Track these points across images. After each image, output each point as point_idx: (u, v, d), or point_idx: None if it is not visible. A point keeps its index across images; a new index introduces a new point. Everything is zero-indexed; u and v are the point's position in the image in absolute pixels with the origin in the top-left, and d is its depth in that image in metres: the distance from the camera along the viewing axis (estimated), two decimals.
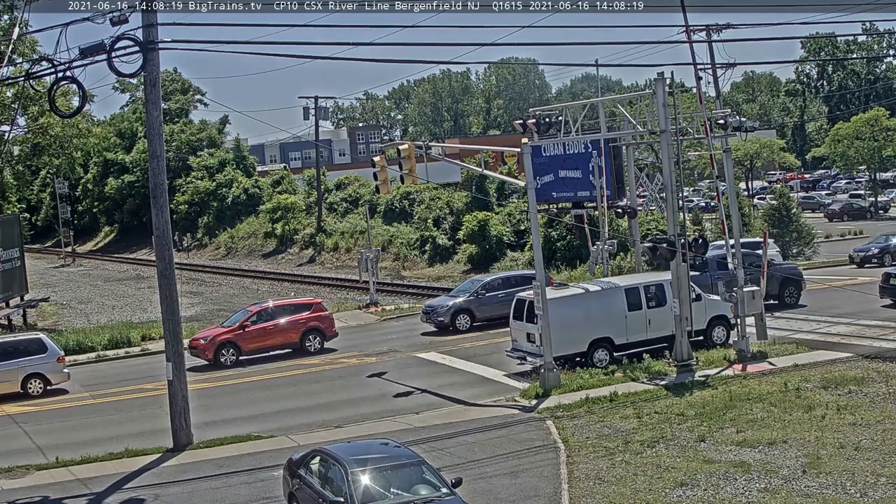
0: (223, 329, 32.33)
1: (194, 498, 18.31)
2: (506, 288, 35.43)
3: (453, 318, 34.95)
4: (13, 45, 38.15)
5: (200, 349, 31.49)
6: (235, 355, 31.44)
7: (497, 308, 34.58)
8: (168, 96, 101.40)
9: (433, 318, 35.37)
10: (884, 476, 16.67)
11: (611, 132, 35.61)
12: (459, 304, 35.32)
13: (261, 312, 32.57)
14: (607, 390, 23.71)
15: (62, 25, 19.78)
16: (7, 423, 25.56)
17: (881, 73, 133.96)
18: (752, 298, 26.57)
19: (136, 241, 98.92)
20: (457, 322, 34.94)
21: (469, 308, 35.26)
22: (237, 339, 31.68)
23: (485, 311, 35.24)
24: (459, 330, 34.72)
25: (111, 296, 62.27)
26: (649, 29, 31.92)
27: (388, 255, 65.58)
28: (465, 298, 35.59)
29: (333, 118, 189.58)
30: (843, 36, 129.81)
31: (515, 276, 37.16)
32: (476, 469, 18.48)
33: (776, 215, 53.08)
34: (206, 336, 32.19)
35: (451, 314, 35.02)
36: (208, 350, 31.40)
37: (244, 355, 31.65)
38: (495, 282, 36.34)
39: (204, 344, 31.57)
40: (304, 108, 75.79)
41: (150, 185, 22.45)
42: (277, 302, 35.23)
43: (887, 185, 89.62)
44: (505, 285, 35.81)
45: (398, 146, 28.69)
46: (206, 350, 31.41)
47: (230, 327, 32.13)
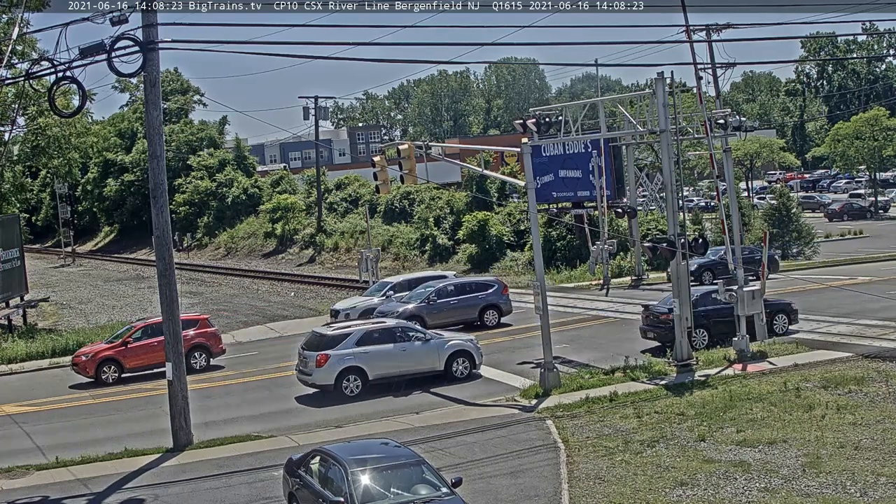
0: (106, 345, 31.02)
1: (194, 498, 18.30)
2: (459, 294, 34.98)
3: None
4: (13, 45, 38.13)
5: (81, 366, 30.31)
6: (118, 372, 30.15)
7: (450, 314, 34.27)
8: (168, 96, 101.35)
9: None
10: (884, 476, 16.67)
11: (611, 132, 35.71)
12: (410, 310, 33.97)
13: (145, 328, 31.17)
14: (607, 390, 23.71)
15: (62, 25, 19.79)
16: (7, 423, 25.56)
17: (881, 73, 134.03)
18: (752, 298, 26.58)
19: (136, 241, 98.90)
20: None
21: (420, 315, 33.76)
22: (119, 355, 30.30)
23: (437, 318, 34.06)
24: None
25: (111, 296, 62.26)
26: (649, 29, 31.97)
27: (388, 254, 65.59)
28: (417, 304, 34.37)
29: (333, 118, 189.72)
30: (843, 36, 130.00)
31: (470, 283, 36.56)
32: (476, 469, 18.48)
33: (776, 215, 53.10)
34: (88, 352, 30.85)
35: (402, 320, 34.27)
36: (89, 367, 30.01)
37: (126, 372, 30.34)
38: (448, 287, 35.36)
39: (85, 361, 30.31)
40: (304, 108, 75.83)
41: (150, 185, 22.45)
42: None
43: (887, 185, 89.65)
44: (458, 291, 35.17)
45: (398, 146, 28.69)
46: (86, 367, 30.14)
47: (113, 343, 30.89)
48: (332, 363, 25.57)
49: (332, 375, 25.54)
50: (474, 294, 35.11)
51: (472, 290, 35.33)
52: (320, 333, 26.80)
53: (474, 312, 34.84)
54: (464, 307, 34.76)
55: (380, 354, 26.12)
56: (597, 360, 27.62)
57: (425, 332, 27.51)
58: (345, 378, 25.59)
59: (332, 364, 25.56)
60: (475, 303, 34.92)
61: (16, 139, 48.84)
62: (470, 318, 34.84)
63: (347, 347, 25.76)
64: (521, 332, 33.49)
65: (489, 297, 35.16)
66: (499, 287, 35.68)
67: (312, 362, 25.80)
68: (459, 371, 27.00)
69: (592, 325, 34.44)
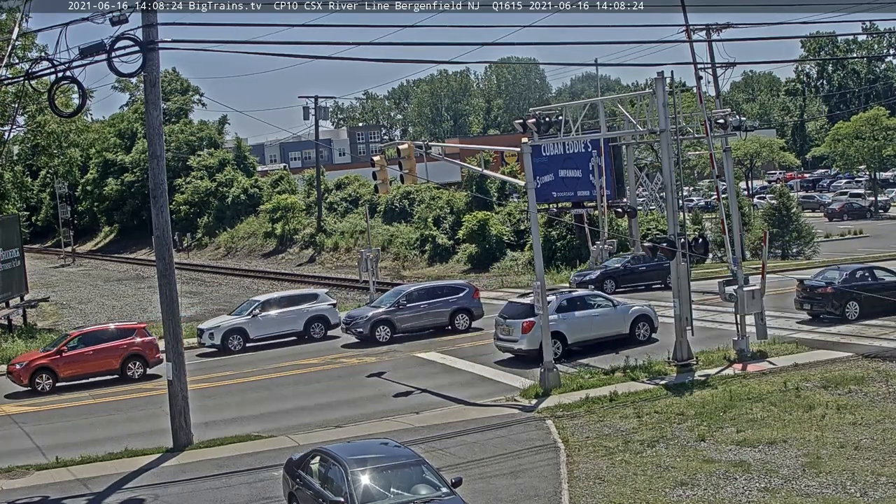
0: (41, 354, 30.55)
1: (194, 498, 18.30)
2: (430, 298, 34.44)
3: (372, 330, 33.37)
4: (13, 45, 38.14)
5: (15, 374, 29.69)
6: (52, 381, 29.66)
7: (419, 319, 33.97)
8: (167, 96, 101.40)
9: (353, 330, 33.94)
10: (884, 476, 16.67)
11: (611, 132, 35.69)
12: (379, 314, 33.73)
13: (82, 337, 30.55)
14: (607, 390, 23.70)
15: (62, 25, 19.79)
16: (7, 423, 25.56)
17: (881, 73, 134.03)
18: (752, 298, 26.58)
19: (136, 241, 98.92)
20: (376, 333, 33.37)
21: (389, 319, 33.66)
22: (53, 364, 29.62)
23: (406, 323, 33.87)
24: (379, 342, 33.23)
25: (111, 296, 62.31)
26: (649, 29, 32.02)
27: (388, 254, 65.62)
28: (386, 309, 34.01)
29: (333, 118, 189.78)
30: (843, 35, 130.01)
31: (441, 286, 35.95)
32: (476, 469, 18.47)
33: (776, 215, 53.15)
34: (23, 360, 30.21)
35: (370, 325, 33.43)
36: (23, 375, 29.44)
37: (61, 381, 29.85)
38: (418, 292, 34.91)
39: (19, 369, 29.66)
40: (304, 108, 75.92)
41: (150, 185, 22.44)
42: (97, 327, 33.73)
43: (887, 185, 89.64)
44: (429, 296, 34.65)
45: (398, 146, 28.66)
46: (20, 375, 29.48)
47: (48, 352, 30.39)
48: (536, 329, 26.49)
49: (536, 341, 26.31)
50: (445, 298, 34.55)
51: (442, 293, 34.78)
52: (520, 303, 28.57)
53: (445, 316, 34.37)
54: (434, 311, 34.29)
55: (577, 320, 28.48)
56: (597, 360, 27.62)
57: (611, 299, 30.13)
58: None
59: (535, 330, 26.51)
60: (446, 306, 34.37)
61: (16, 139, 48.87)
62: (440, 322, 34.37)
63: (549, 314, 26.01)
64: None
65: (460, 300, 34.60)
66: (469, 290, 35.06)
67: (518, 329, 27.68)
68: (641, 334, 29.42)
69: None
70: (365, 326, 33.58)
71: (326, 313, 35.60)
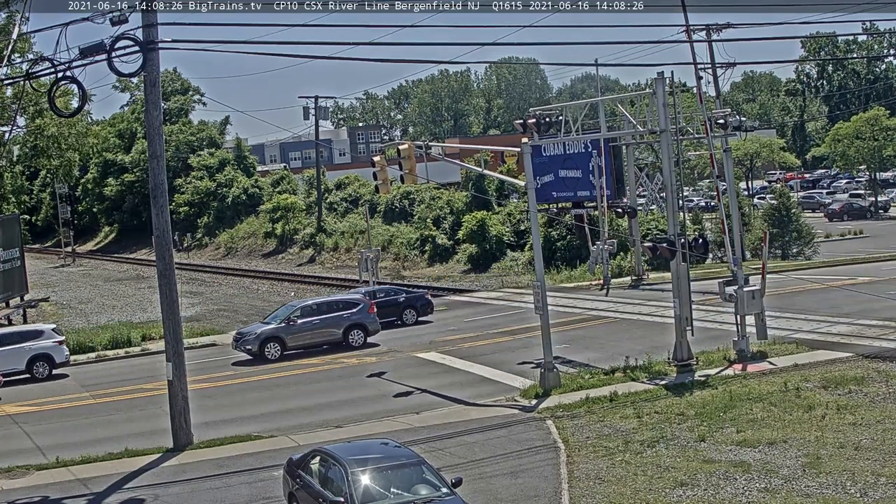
0: None
1: (194, 498, 18.30)
2: (324, 313, 33.44)
3: (262, 347, 32.26)
4: (13, 45, 38.12)
5: None
6: None
7: (312, 335, 33.02)
8: (168, 96, 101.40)
9: (242, 347, 32.77)
10: (884, 476, 16.67)
11: (611, 132, 35.72)
12: (268, 331, 32.63)
13: None
14: (607, 390, 23.70)
15: (62, 25, 19.79)
16: (7, 423, 25.55)
17: (881, 73, 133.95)
18: (752, 298, 26.57)
19: (136, 241, 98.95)
20: (265, 351, 32.25)
21: (279, 336, 32.48)
22: None
23: (297, 339, 32.80)
24: (269, 359, 32.06)
25: (111, 296, 62.31)
26: (649, 29, 32.01)
27: (388, 254, 65.63)
28: (276, 325, 32.89)
29: (333, 118, 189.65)
30: (843, 36, 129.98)
31: (337, 301, 34.91)
32: (476, 469, 18.47)
33: (776, 215, 53.13)
34: None
35: (259, 342, 32.30)
36: None
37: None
38: (311, 307, 33.88)
39: None
40: (304, 108, 76.03)
41: (150, 185, 22.44)
42: None
43: (887, 185, 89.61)
44: (323, 311, 33.63)
45: (398, 146, 28.69)
46: None
47: None
48: None
49: None
50: (339, 313, 33.51)
51: (337, 308, 33.85)
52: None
53: (338, 332, 33.32)
54: (327, 327, 33.26)
55: None
56: (597, 360, 27.61)
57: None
58: None
59: None
60: (339, 322, 33.36)
61: (16, 140, 48.89)
62: (334, 338, 33.36)
63: None
64: (522, 332, 33.48)
65: (354, 315, 33.60)
66: (364, 306, 34.12)
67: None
68: None
69: (592, 325, 34.43)
70: (254, 344, 32.41)
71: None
